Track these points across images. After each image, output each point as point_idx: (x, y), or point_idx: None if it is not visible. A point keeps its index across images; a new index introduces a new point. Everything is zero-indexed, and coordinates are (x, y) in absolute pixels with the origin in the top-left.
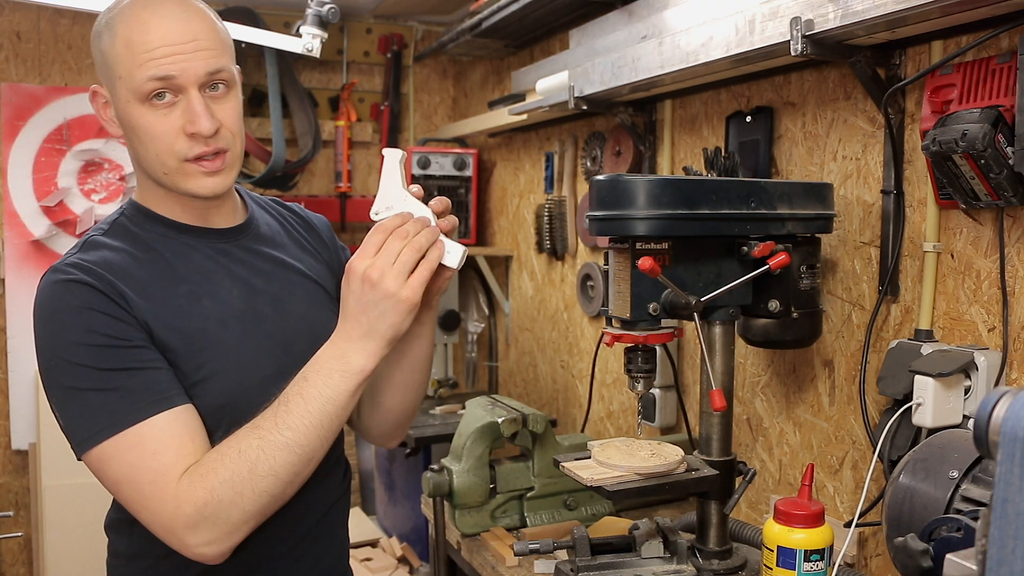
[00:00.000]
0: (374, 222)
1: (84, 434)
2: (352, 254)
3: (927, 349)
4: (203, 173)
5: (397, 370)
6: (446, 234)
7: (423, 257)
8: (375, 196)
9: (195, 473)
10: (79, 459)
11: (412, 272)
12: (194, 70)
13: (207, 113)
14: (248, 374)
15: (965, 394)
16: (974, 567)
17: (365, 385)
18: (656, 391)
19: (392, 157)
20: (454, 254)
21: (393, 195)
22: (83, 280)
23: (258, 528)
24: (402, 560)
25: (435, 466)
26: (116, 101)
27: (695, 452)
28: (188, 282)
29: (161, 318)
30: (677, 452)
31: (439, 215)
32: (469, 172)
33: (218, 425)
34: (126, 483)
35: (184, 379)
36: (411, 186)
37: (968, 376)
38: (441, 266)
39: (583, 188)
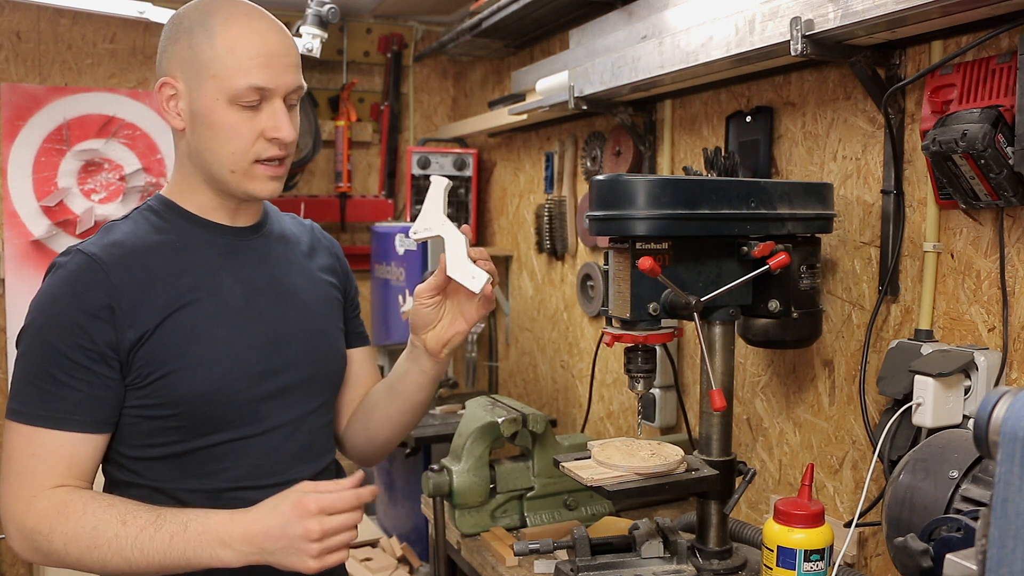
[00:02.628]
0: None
1: (9, 402)
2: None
3: (927, 349)
4: (267, 176)
5: (395, 410)
6: (474, 260)
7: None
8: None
9: (55, 506)
10: None
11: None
12: (286, 83)
13: (290, 123)
14: (234, 368)
15: (965, 394)
16: (974, 567)
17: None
18: (656, 391)
19: (439, 184)
20: (478, 279)
21: (433, 218)
22: (83, 271)
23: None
24: (402, 560)
25: (435, 466)
26: (200, 97)
27: (695, 452)
28: (191, 275)
29: (155, 304)
30: (677, 452)
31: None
32: (469, 172)
33: (199, 412)
34: (6, 461)
35: (167, 364)
36: (463, 227)
37: (968, 376)
38: (463, 294)
39: (583, 188)
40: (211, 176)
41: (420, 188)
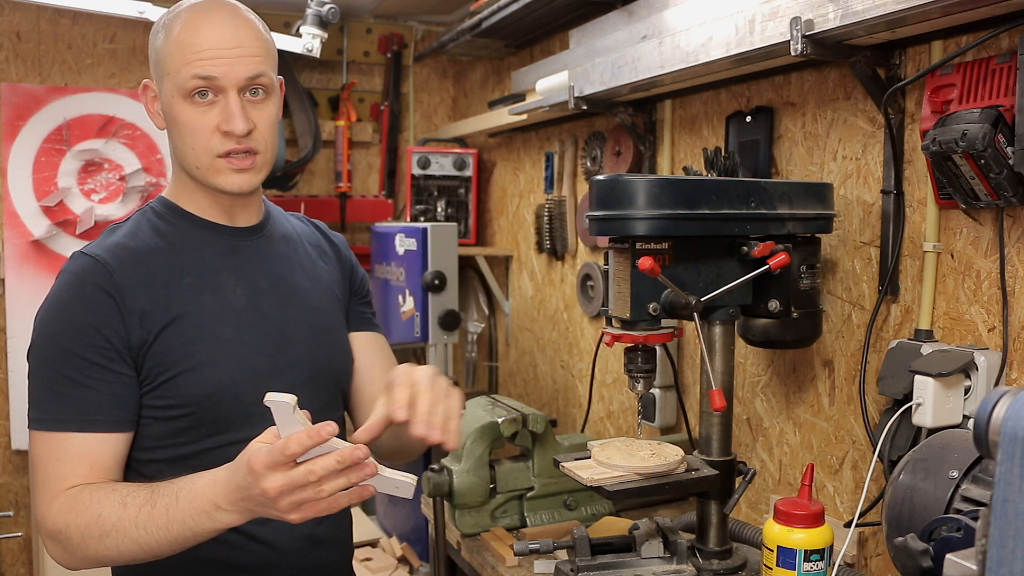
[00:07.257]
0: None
1: (30, 413)
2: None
3: (927, 349)
4: (232, 170)
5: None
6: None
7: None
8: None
9: (68, 502)
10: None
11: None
12: (235, 73)
13: (242, 114)
14: (239, 368)
15: (965, 394)
16: (974, 567)
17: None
18: (656, 391)
19: (281, 408)
20: (404, 487)
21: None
22: (89, 273)
23: (250, 533)
24: (402, 560)
25: (435, 466)
26: (163, 96)
27: (695, 452)
28: (192, 275)
29: (160, 305)
30: (677, 452)
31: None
32: (469, 172)
33: (208, 413)
34: (32, 469)
35: (175, 366)
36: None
37: (968, 376)
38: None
39: (583, 188)
40: (188, 173)
41: (420, 188)
